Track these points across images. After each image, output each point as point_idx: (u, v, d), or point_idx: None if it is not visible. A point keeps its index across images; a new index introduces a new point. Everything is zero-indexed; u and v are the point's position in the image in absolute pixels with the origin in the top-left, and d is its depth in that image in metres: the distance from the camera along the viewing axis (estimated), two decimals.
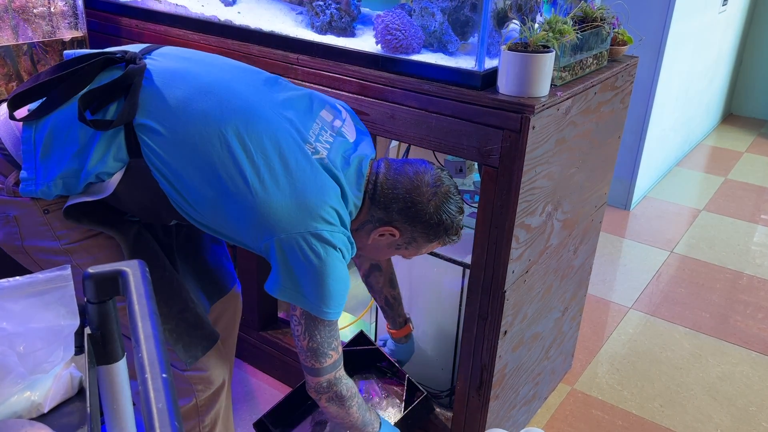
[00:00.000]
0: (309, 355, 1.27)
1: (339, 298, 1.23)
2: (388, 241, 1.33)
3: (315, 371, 1.29)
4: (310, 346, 1.26)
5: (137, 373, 0.67)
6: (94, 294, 0.80)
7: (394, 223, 1.28)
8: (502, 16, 1.50)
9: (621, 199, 3.46)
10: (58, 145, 1.14)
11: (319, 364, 1.28)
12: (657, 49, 3.09)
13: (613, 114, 1.74)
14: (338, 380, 1.32)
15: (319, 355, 1.27)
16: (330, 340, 1.27)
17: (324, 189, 1.19)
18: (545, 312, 1.79)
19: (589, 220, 1.87)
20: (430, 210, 1.27)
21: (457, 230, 1.33)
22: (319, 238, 1.17)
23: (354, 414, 1.37)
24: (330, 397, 1.33)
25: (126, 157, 1.16)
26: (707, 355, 2.37)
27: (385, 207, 1.27)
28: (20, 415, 0.71)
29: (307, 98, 1.30)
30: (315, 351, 1.27)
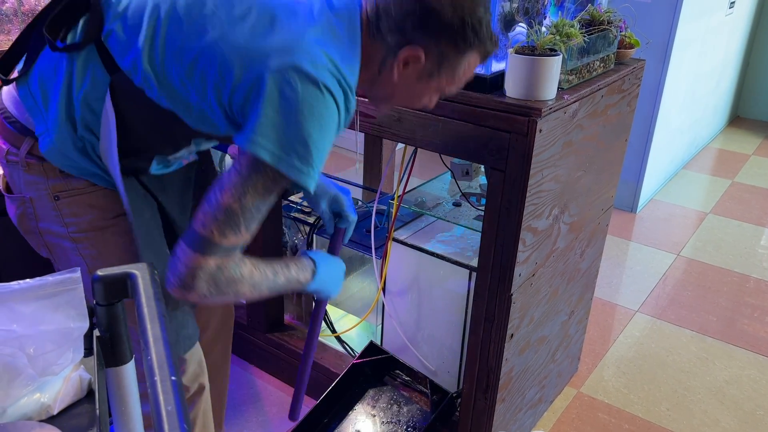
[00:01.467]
0: (220, 219, 1.00)
1: (317, 153, 1.01)
2: (417, 71, 1.09)
3: (208, 245, 1.00)
4: (230, 207, 0.99)
5: (146, 375, 0.67)
6: (102, 296, 0.80)
7: (413, 42, 1.05)
8: (509, 19, 1.50)
9: (627, 202, 3.45)
10: (50, 86, 1.12)
11: (224, 236, 1.00)
12: (664, 52, 3.08)
13: (620, 117, 1.73)
14: (226, 266, 1.04)
15: (233, 224, 1.00)
16: (260, 213, 1.03)
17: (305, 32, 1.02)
18: (552, 315, 1.79)
19: (595, 223, 1.87)
20: (448, 12, 1.03)
21: (488, 30, 1.08)
22: (299, 71, 0.98)
23: (252, 289, 1.09)
24: (209, 286, 1.03)
25: (106, 75, 1.10)
26: (714, 358, 2.36)
27: (399, 30, 1.05)
28: (30, 416, 0.72)
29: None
30: (232, 216, 1.00)
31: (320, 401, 1.75)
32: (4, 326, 0.70)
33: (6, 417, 0.70)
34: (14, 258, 1.74)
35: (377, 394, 1.83)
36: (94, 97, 1.11)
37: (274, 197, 1.03)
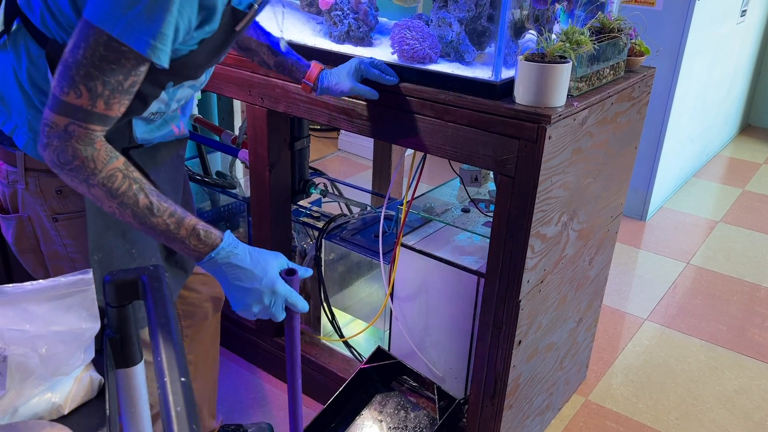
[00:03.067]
0: (60, 73, 0.93)
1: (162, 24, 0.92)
2: None
3: (54, 102, 0.94)
4: (67, 63, 0.92)
5: (156, 376, 0.68)
6: (114, 298, 0.81)
7: None
8: (519, 26, 1.51)
9: (637, 210, 3.44)
10: (2, 81, 1.12)
11: (64, 93, 0.93)
12: (674, 60, 3.08)
13: (629, 124, 1.73)
14: (77, 133, 0.95)
15: (71, 82, 0.92)
16: (105, 81, 0.93)
17: None
18: (560, 322, 1.79)
19: (605, 231, 1.87)
20: None
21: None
22: None
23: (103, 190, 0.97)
24: (56, 151, 0.95)
25: (40, 49, 1.07)
26: (724, 368, 2.34)
27: None
28: (41, 416, 0.73)
29: None
30: (68, 72, 0.92)
31: (327, 406, 1.75)
32: (17, 326, 0.72)
33: (18, 416, 0.71)
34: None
35: (384, 399, 1.83)
36: (38, 76, 1.09)
37: (121, 65, 0.93)
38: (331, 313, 2.05)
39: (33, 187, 1.17)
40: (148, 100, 1.14)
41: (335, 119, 1.60)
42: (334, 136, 4.34)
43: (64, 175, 0.97)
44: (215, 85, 1.86)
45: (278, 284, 1.07)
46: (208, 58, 1.13)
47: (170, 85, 1.16)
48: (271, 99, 1.72)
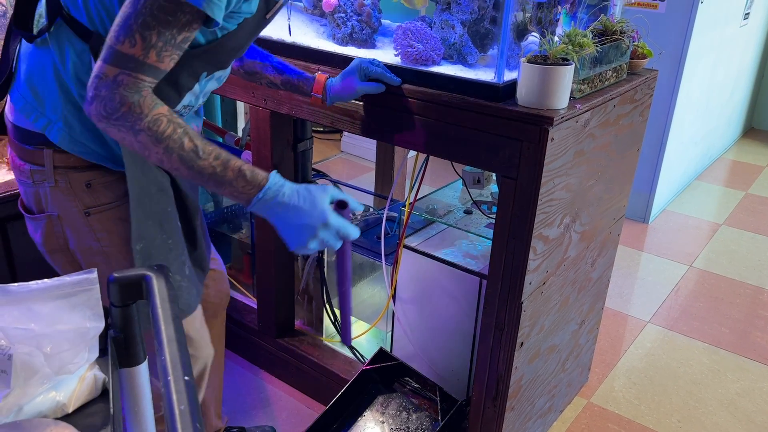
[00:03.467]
0: (118, 23, 0.96)
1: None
2: None
3: (108, 50, 0.96)
4: (126, 13, 0.95)
5: (160, 375, 0.68)
6: (118, 298, 0.82)
7: None
8: (522, 29, 1.51)
9: (640, 212, 3.44)
10: (38, 78, 1.14)
11: (119, 42, 0.95)
12: (677, 62, 3.08)
13: (632, 127, 1.74)
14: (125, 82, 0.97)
15: (128, 31, 0.95)
16: (158, 33, 0.96)
17: None
18: (562, 324, 1.79)
19: (607, 233, 1.87)
20: None
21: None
22: None
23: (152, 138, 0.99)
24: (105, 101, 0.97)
25: (84, 44, 1.11)
26: (726, 370, 2.34)
27: None
28: (46, 414, 0.73)
29: None
30: (127, 22, 0.95)
31: (329, 407, 1.76)
32: (22, 325, 0.72)
33: (22, 414, 0.71)
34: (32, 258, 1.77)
35: (386, 400, 1.83)
36: (83, 70, 1.11)
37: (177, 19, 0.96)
38: (333, 314, 2.05)
39: (63, 184, 1.19)
40: (183, 92, 1.17)
41: (338, 121, 1.61)
42: (337, 138, 4.35)
43: (110, 126, 0.98)
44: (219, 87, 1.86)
45: (330, 217, 1.06)
46: (241, 42, 1.17)
47: (203, 75, 1.18)
48: (274, 101, 1.73)
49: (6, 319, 0.72)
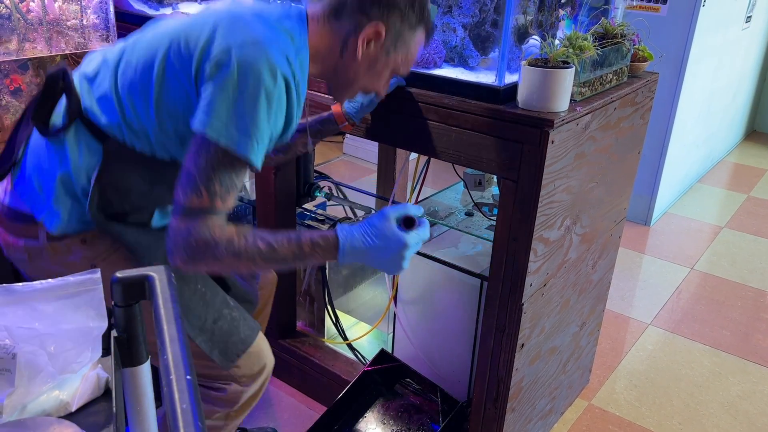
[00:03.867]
0: (183, 182, 1.08)
1: (264, 134, 1.09)
2: (377, 49, 1.20)
3: (177, 208, 1.08)
4: (190, 171, 1.08)
5: (162, 374, 0.69)
6: (121, 297, 0.83)
7: (373, 18, 1.16)
8: (523, 32, 1.52)
9: (641, 215, 3.44)
10: (44, 168, 1.21)
11: (187, 197, 1.08)
12: (679, 65, 3.08)
13: (632, 129, 1.74)
14: (196, 227, 1.08)
15: (193, 187, 1.08)
16: (222, 180, 1.09)
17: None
18: (563, 326, 1.79)
19: (608, 235, 1.87)
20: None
21: (429, 11, 1.24)
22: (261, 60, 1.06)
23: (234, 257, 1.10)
24: (185, 250, 1.09)
25: (98, 144, 1.19)
26: (727, 373, 2.34)
27: (359, 9, 1.16)
28: (49, 413, 0.74)
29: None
30: (191, 179, 1.07)
31: (331, 408, 1.76)
32: (26, 324, 0.73)
33: (26, 413, 0.72)
34: None
35: (388, 402, 1.84)
36: (92, 168, 1.19)
37: (233, 168, 1.09)
38: (335, 315, 2.06)
39: (62, 247, 1.23)
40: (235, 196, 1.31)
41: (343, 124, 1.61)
42: (339, 140, 4.36)
43: (197, 265, 1.10)
44: None
45: (407, 240, 1.14)
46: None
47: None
48: None
49: (10, 318, 0.73)
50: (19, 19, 1.67)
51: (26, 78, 1.74)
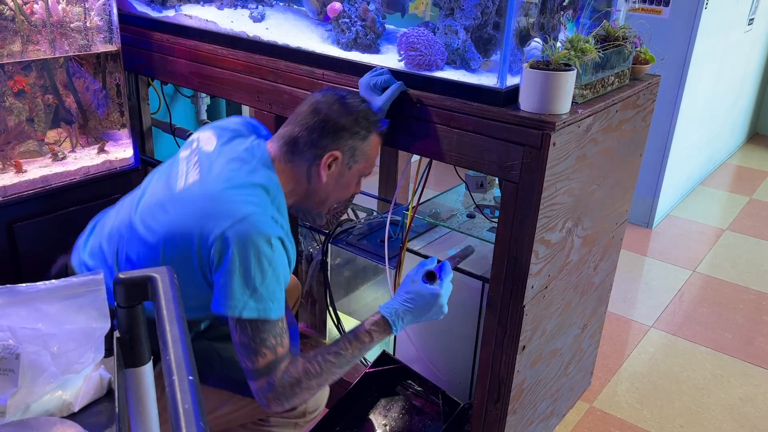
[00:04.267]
0: (243, 354, 1.22)
1: (280, 293, 1.22)
2: (338, 168, 1.33)
3: (250, 373, 1.22)
4: (243, 343, 1.21)
5: (164, 375, 0.69)
6: (123, 298, 0.83)
7: (327, 148, 1.30)
8: (525, 34, 1.52)
9: (643, 217, 3.44)
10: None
11: (252, 362, 1.22)
12: (681, 68, 3.08)
13: (634, 132, 1.74)
14: (276, 376, 1.23)
15: (252, 353, 1.21)
16: (268, 334, 1.21)
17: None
18: (564, 328, 1.79)
19: (609, 237, 1.87)
20: (340, 115, 1.31)
21: (371, 112, 1.36)
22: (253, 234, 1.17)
23: (318, 380, 1.26)
24: (278, 397, 1.23)
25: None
26: (730, 376, 2.34)
27: (312, 145, 1.30)
28: (52, 413, 0.74)
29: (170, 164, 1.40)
30: (248, 348, 1.21)
31: (332, 409, 1.76)
32: (29, 325, 0.73)
33: (29, 412, 0.73)
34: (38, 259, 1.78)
35: (389, 403, 1.84)
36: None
37: (270, 324, 1.21)
38: (336, 317, 2.06)
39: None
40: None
41: None
42: None
43: (297, 401, 1.25)
44: (225, 91, 1.88)
45: (440, 291, 1.33)
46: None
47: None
48: (279, 105, 1.74)
49: (14, 319, 0.73)
50: (22, 20, 1.68)
51: (30, 80, 1.75)
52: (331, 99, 1.33)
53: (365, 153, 1.36)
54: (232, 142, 1.35)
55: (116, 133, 1.97)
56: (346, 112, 1.31)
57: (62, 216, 1.80)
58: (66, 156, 1.84)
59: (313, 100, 1.34)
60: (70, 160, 1.84)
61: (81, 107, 1.89)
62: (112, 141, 1.95)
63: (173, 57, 1.97)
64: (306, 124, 1.31)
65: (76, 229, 1.84)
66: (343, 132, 1.31)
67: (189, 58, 1.93)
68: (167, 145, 2.69)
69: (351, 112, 1.32)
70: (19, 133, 1.76)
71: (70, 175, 1.81)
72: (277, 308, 1.22)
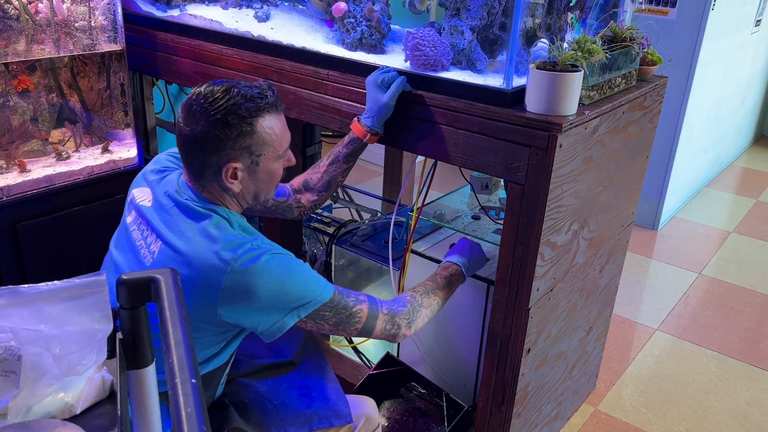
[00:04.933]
0: (350, 320, 1.26)
1: (309, 281, 1.21)
2: (246, 171, 1.23)
3: (367, 332, 1.29)
4: (354, 313, 1.26)
5: (167, 378, 0.68)
6: (126, 300, 0.82)
7: (221, 161, 1.20)
8: (531, 35, 1.51)
9: (649, 219, 3.43)
10: None
11: (362, 330, 1.28)
12: (687, 69, 3.07)
13: (641, 133, 1.73)
14: (393, 317, 1.31)
15: (356, 324, 1.27)
16: (349, 302, 1.26)
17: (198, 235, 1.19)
18: (569, 331, 1.78)
19: (615, 240, 1.86)
20: (208, 129, 1.18)
21: (244, 99, 1.20)
22: (237, 259, 1.15)
23: (432, 308, 1.41)
24: (403, 331, 1.33)
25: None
26: (735, 379, 2.32)
27: (206, 167, 1.21)
28: (54, 415, 0.73)
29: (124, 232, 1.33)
30: (348, 324, 1.26)
31: None
32: (32, 326, 0.73)
33: (31, 414, 0.72)
34: (42, 259, 1.78)
35: (393, 405, 1.83)
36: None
37: (332, 295, 1.23)
38: None
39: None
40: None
41: (347, 126, 1.61)
42: None
43: (418, 324, 1.38)
44: None
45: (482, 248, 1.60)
46: None
47: None
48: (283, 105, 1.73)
49: (16, 320, 0.72)
50: (27, 20, 1.67)
51: (34, 79, 1.75)
52: (190, 118, 1.19)
53: (263, 141, 1.22)
54: (161, 185, 1.30)
55: (120, 132, 1.97)
56: (214, 120, 1.17)
57: (66, 216, 1.80)
58: (70, 156, 1.84)
59: (179, 128, 1.22)
60: (74, 160, 1.84)
61: (85, 107, 1.89)
62: (116, 141, 1.95)
63: (178, 57, 1.96)
64: (186, 149, 1.21)
65: (79, 229, 1.84)
66: (223, 142, 1.18)
67: (194, 58, 1.92)
68: (171, 144, 2.69)
69: (218, 118, 1.17)
70: (23, 132, 1.75)
71: (74, 174, 1.80)
72: (325, 285, 1.23)
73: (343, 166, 1.58)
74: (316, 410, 1.39)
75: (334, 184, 1.61)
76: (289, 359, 1.52)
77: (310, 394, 1.44)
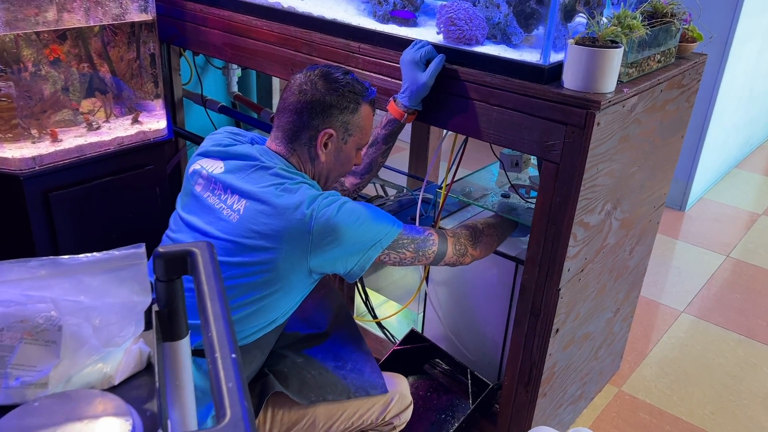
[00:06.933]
0: (423, 247, 1.36)
1: (383, 215, 1.32)
2: (335, 145, 1.36)
3: (442, 254, 1.40)
4: (427, 243, 1.37)
5: (206, 352, 0.68)
6: (163, 272, 0.82)
7: (320, 128, 1.33)
8: (570, 9, 1.47)
9: (676, 200, 3.37)
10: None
11: (438, 253, 1.39)
12: (723, 47, 2.99)
13: (678, 112, 1.69)
14: (458, 238, 1.43)
15: (432, 246, 1.38)
16: (419, 230, 1.37)
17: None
18: (597, 312, 1.76)
19: (646, 221, 1.83)
20: (326, 93, 1.32)
21: (359, 84, 1.37)
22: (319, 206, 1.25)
23: (492, 236, 1.53)
24: (470, 251, 1.45)
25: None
26: (762, 364, 2.29)
27: (305, 127, 1.33)
28: (93, 385, 0.74)
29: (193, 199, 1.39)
30: (425, 248, 1.37)
31: None
32: (72, 297, 0.73)
33: (71, 385, 0.72)
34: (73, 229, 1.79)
35: (416, 382, 1.83)
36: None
37: (401, 230, 1.33)
38: (365, 293, 2.05)
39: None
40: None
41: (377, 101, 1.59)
42: None
43: (482, 247, 1.51)
44: (257, 63, 1.86)
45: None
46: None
47: None
48: None
49: (57, 291, 0.73)
50: None
51: (65, 48, 1.74)
52: (314, 77, 1.33)
53: (358, 125, 1.37)
54: (232, 153, 1.37)
55: (149, 103, 1.96)
56: (332, 88, 1.32)
57: (96, 186, 1.81)
58: (100, 126, 1.84)
59: (297, 82, 1.35)
60: (105, 131, 1.84)
61: (116, 77, 1.89)
62: (145, 112, 1.95)
63: (206, 27, 1.95)
64: (295, 108, 1.33)
65: (110, 200, 1.85)
66: (332, 109, 1.33)
67: (222, 29, 1.90)
68: (197, 116, 2.69)
69: (336, 87, 1.33)
70: (55, 101, 1.75)
71: (105, 145, 1.80)
72: (395, 219, 1.33)
73: (382, 147, 1.59)
74: (352, 381, 1.44)
75: (376, 166, 1.62)
76: (323, 330, 1.54)
77: (345, 366, 1.47)
